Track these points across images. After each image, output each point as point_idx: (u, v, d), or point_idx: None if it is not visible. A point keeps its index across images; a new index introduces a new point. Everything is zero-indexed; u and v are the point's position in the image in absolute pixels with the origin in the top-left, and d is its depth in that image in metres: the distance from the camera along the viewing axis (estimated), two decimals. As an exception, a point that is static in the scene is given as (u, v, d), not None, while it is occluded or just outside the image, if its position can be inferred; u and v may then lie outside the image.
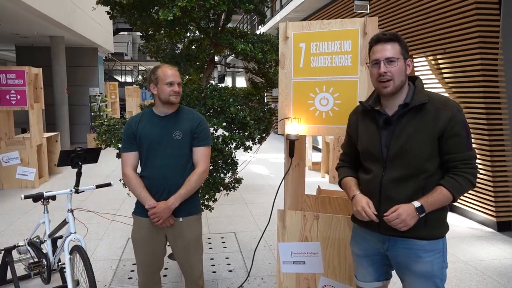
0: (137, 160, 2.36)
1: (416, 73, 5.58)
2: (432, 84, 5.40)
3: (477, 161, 4.72)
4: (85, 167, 2.94)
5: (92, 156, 2.90)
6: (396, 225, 1.72)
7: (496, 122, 4.74)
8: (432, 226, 1.78)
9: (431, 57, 5.43)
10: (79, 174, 2.85)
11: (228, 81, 30.41)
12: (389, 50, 1.76)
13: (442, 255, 1.82)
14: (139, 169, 2.39)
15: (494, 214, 4.78)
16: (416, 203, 1.71)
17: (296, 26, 2.44)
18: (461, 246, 4.31)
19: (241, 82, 31.45)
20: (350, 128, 2.04)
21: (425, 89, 1.83)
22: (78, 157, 2.82)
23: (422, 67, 5.60)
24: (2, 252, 3.37)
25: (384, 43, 1.77)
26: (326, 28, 2.38)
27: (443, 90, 5.27)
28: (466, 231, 4.77)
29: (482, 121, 4.77)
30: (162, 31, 3.66)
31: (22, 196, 2.73)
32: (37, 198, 2.81)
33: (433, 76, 5.44)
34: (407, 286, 1.88)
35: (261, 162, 9.48)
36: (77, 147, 2.86)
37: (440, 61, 5.31)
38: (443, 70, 5.28)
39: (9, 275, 3.39)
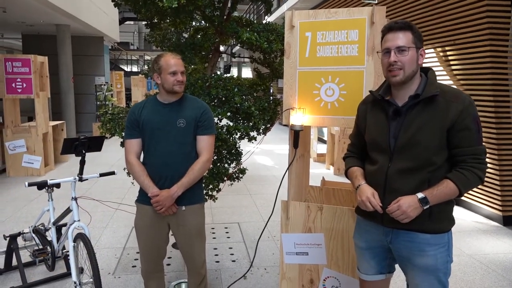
0: (140, 147, 2.35)
1: (424, 65, 5.51)
2: (441, 76, 5.32)
3: (484, 154, 4.68)
4: (91, 156, 2.94)
5: (95, 144, 2.90)
6: (397, 216, 1.70)
7: (504, 116, 4.68)
8: (437, 220, 1.76)
9: (439, 49, 5.36)
10: (82, 162, 2.85)
11: (234, 72, 30.32)
12: (401, 38, 1.71)
13: (447, 249, 1.80)
14: (142, 157, 2.38)
15: (500, 208, 4.74)
16: (420, 194, 1.68)
17: (302, 15, 2.40)
18: (466, 240, 4.28)
19: (247, 73, 31.34)
20: (358, 118, 2.01)
21: (438, 81, 1.79)
22: (82, 145, 2.82)
23: (430, 58, 5.52)
24: (8, 239, 3.40)
25: (396, 32, 1.73)
26: (332, 17, 2.34)
27: (451, 82, 5.21)
28: (472, 225, 4.74)
29: (490, 114, 4.71)
30: (167, 20, 3.62)
31: (26, 183, 2.74)
32: (41, 185, 2.82)
33: (441, 68, 5.37)
34: (410, 279, 1.87)
35: (265, 153, 9.46)
36: (81, 135, 2.86)
37: (448, 53, 5.24)
38: (452, 62, 5.21)
39: (14, 262, 3.42)
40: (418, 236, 1.77)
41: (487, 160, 4.87)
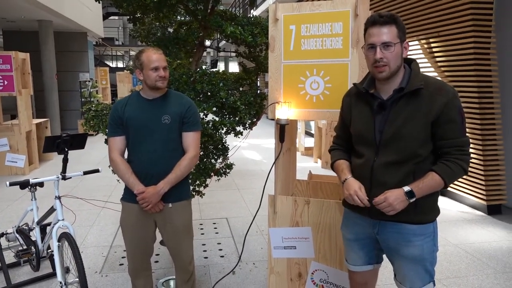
0: (124, 145, 2.31)
1: (408, 57, 5.53)
2: (425, 68, 5.36)
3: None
4: (76, 154, 2.89)
5: (78, 142, 2.85)
6: (383, 208, 1.70)
7: (488, 106, 4.74)
8: (423, 211, 1.77)
9: (423, 40, 5.39)
10: (65, 160, 2.79)
11: (221, 67, 30.17)
12: (386, 34, 1.67)
13: (433, 239, 1.82)
14: (126, 154, 2.35)
15: (484, 197, 4.81)
16: (406, 188, 1.69)
17: (286, 8, 2.37)
18: (451, 229, 4.34)
19: (234, 67, 31.22)
20: (343, 111, 2.00)
21: (422, 73, 1.78)
22: (64, 143, 2.76)
23: (414, 50, 5.55)
24: (-9, 239, 3.34)
25: (381, 26, 1.68)
26: (316, 9, 2.32)
27: (436, 73, 5.25)
28: (457, 215, 4.81)
29: (474, 105, 4.76)
30: (151, 14, 3.56)
31: (7, 183, 2.68)
32: (23, 185, 2.76)
33: (426, 60, 5.40)
34: (397, 269, 1.89)
35: (253, 148, 9.45)
36: (63, 133, 2.80)
37: (432, 44, 5.27)
38: (436, 54, 5.24)
39: (-2, 263, 3.36)
40: (404, 227, 1.78)
41: (471, 150, 4.95)
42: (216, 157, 3.45)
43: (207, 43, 3.86)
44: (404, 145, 1.72)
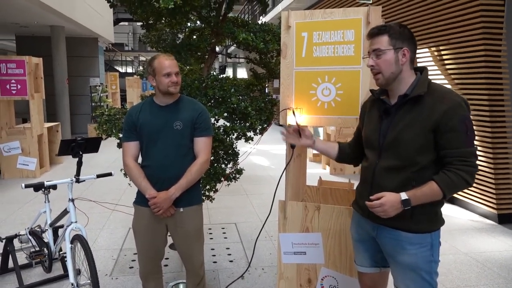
0: (138, 150, 2.35)
1: (418, 65, 5.53)
2: (435, 76, 5.36)
3: (479, 153, 4.70)
4: (86, 157, 2.93)
5: (92, 145, 2.89)
6: (377, 212, 1.73)
7: (498, 114, 4.72)
8: (418, 220, 1.76)
9: (434, 48, 5.39)
10: (79, 164, 2.84)
11: (229, 72, 30.27)
12: (377, 43, 1.77)
13: (430, 249, 1.79)
14: (140, 159, 2.38)
15: (495, 206, 4.77)
16: (403, 195, 1.69)
17: (298, 15, 2.40)
18: (461, 238, 4.31)
19: (242, 73, 31.32)
20: (360, 115, 2.11)
21: (432, 81, 1.80)
22: (79, 147, 2.81)
23: (424, 57, 5.55)
24: (4, 241, 3.38)
25: (373, 37, 1.79)
26: (328, 17, 2.35)
27: (446, 81, 5.24)
28: (467, 223, 4.77)
29: (485, 113, 4.74)
30: (163, 21, 3.62)
31: (23, 185, 2.72)
32: (37, 187, 2.81)
33: (436, 67, 5.40)
34: (394, 275, 1.91)
35: (262, 153, 9.47)
36: (78, 137, 2.85)
37: (443, 52, 5.27)
38: (446, 61, 5.24)
39: (10, 264, 3.40)
40: (400, 234, 1.80)
41: (482, 158, 4.92)
42: (226, 162, 3.48)
43: (217, 49, 3.91)
44: (402, 150, 1.75)
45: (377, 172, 1.82)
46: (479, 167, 1.85)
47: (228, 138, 3.36)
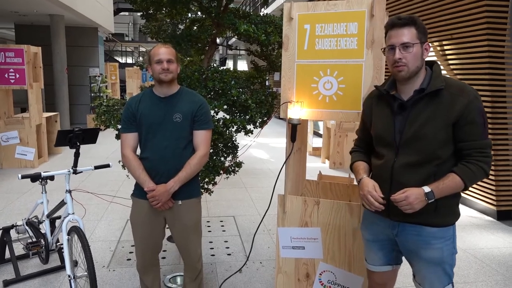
0: (137, 141, 2.32)
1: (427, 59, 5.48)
2: (437, 71, 5.31)
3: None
4: (84, 148, 2.91)
5: (90, 136, 2.86)
6: (402, 206, 1.70)
7: (500, 111, 4.69)
8: (443, 213, 1.77)
9: (437, 43, 5.34)
10: (77, 155, 2.81)
11: (229, 65, 30.17)
12: (405, 35, 1.71)
13: (452, 242, 1.82)
14: (139, 151, 2.35)
15: (494, 203, 4.76)
16: (426, 188, 1.68)
17: (301, 7, 2.36)
18: (460, 234, 4.30)
19: (243, 65, 31.21)
20: (364, 113, 2.02)
21: (443, 75, 1.78)
22: (76, 137, 2.77)
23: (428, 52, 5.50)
24: (0, 231, 3.36)
25: (400, 28, 1.72)
26: (332, 9, 2.31)
27: (449, 76, 5.19)
28: (466, 220, 4.76)
29: (487, 109, 4.70)
30: (163, 11, 3.57)
31: (19, 175, 2.70)
32: (34, 178, 2.78)
33: (439, 62, 5.35)
34: (417, 271, 1.88)
35: (261, 147, 9.44)
36: (75, 127, 2.81)
37: (446, 47, 5.22)
38: (449, 56, 5.19)
39: (7, 255, 3.39)
40: (424, 229, 1.78)
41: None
42: (225, 155, 3.45)
43: (218, 40, 3.86)
44: (424, 145, 1.72)
45: (396, 169, 1.77)
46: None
47: (227, 131, 3.33)
